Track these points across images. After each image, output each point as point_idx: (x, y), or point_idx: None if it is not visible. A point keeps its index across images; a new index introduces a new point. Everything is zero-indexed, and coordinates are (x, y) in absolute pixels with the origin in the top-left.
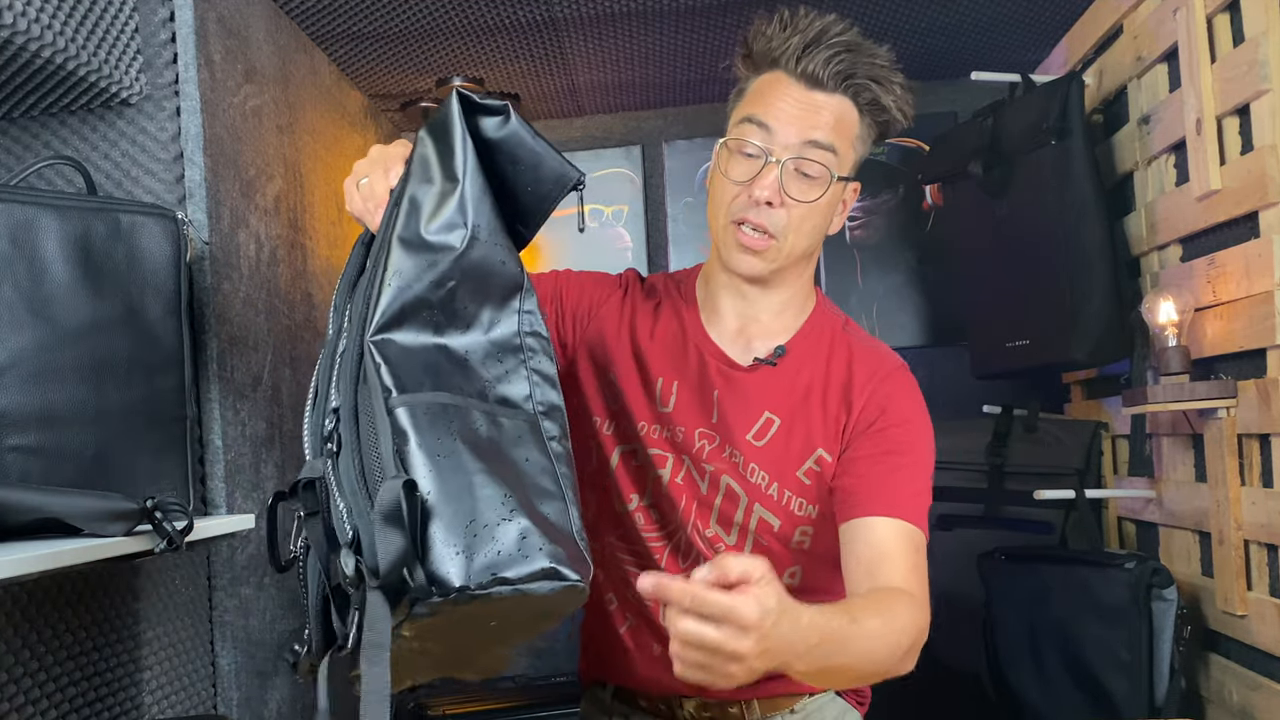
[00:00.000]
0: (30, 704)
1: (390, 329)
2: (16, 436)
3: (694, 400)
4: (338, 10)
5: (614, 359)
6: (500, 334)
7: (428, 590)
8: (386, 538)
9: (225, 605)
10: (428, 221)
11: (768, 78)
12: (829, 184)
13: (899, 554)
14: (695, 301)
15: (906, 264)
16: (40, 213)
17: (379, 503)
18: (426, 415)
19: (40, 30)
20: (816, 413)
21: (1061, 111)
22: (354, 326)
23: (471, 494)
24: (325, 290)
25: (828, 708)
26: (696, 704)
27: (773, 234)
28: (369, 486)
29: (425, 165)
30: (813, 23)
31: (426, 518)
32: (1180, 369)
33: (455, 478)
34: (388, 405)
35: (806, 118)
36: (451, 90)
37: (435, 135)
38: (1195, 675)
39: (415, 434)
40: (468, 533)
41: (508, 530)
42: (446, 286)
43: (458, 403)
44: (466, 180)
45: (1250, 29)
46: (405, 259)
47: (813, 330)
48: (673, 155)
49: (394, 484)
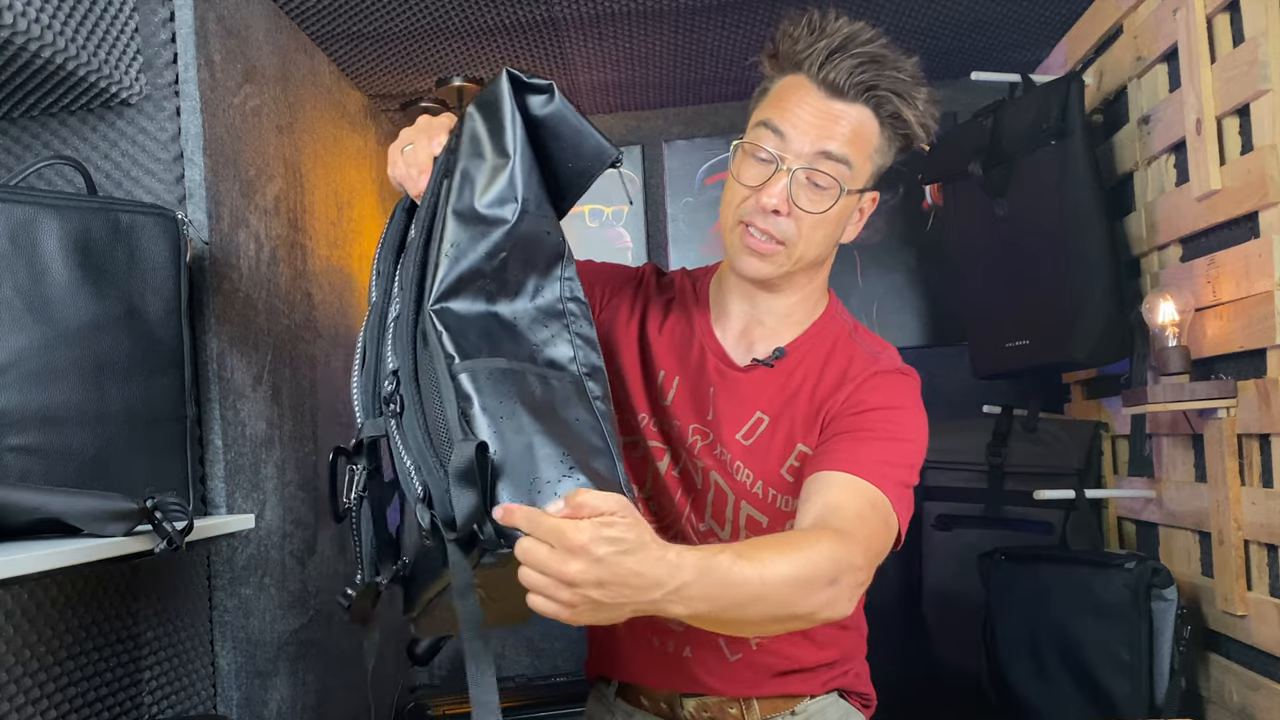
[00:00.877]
0: (30, 704)
1: (449, 298)
2: (16, 436)
3: (691, 396)
4: (338, 10)
5: (620, 350)
6: (545, 300)
7: (496, 542)
8: (462, 496)
9: (225, 605)
10: (481, 195)
11: (790, 81)
12: (839, 196)
13: (848, 504)
14: (707, 300)
15: (906, 264)
16: (40, 213)
17: (453, 464)
18: (489, 380)
19: (40, 30)
20: (802, 409)
21: (1061, 111)
22: (407, 293)
23: (532, 453)
24: (325, 290)
25: (830, 710)
26: (697, 703)
27: (781, 241)
28: (435, 446)
29: (476, 141)
30: (840, 29)
31: (494, 476)
32: (1180, 369)
33: (517, 438)
34: (451, 370)
35: (823, 127)
36: (502, 70)
37: (485, 112)
38: (1195, 675)
39: (478, 397)
40: (531, 489)
41: (566, 486)
42: (499, 257)
43: (514, 367)
44: (517, 156)
45: (1250, 29)
46: (461, 231)
47: (816, 335)
48: (673, 155)
49: (467, 446)
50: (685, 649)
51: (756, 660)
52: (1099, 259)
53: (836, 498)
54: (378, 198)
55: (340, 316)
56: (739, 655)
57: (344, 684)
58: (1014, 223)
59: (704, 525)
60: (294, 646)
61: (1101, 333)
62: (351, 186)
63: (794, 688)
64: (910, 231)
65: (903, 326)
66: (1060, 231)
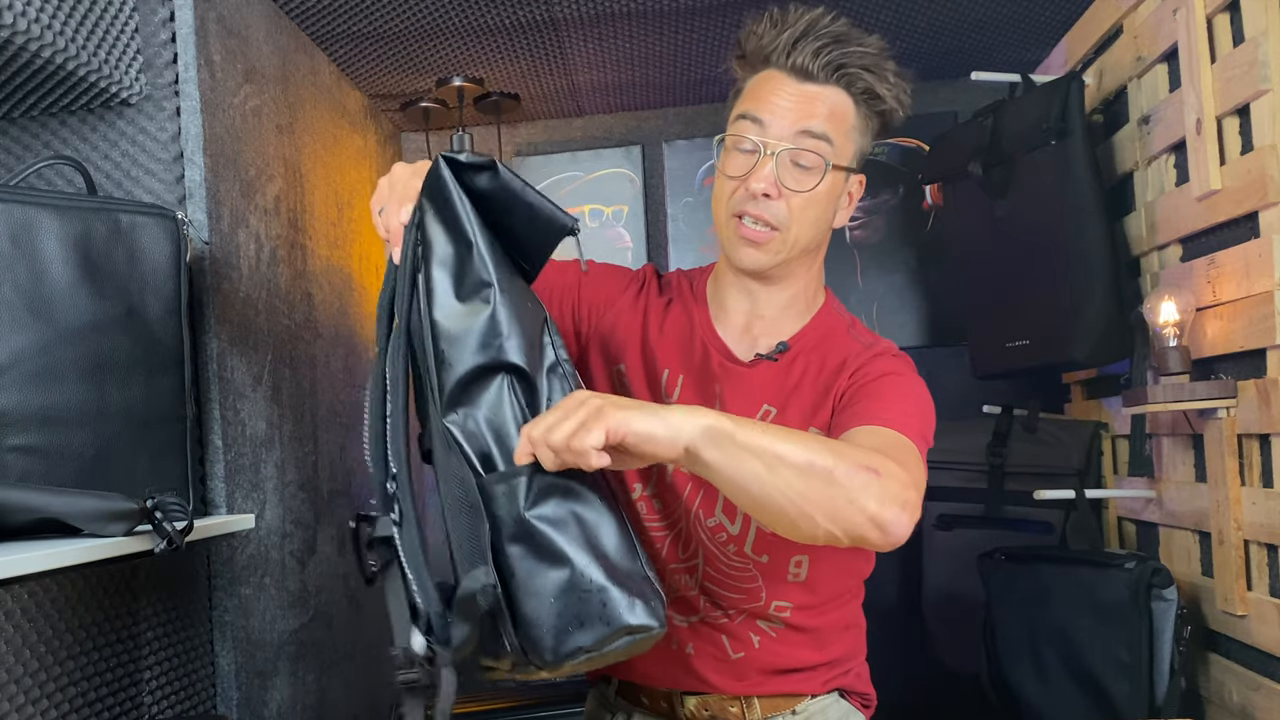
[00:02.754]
0: (30, 704)
1: (457, 406)
2: (17, 436)
3: (698, 393)
4: (338, 10)
5: (624, 351)
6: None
7: (523, 656)
8: (459, 628)
9: (225, 605)
10: (456, 290)
11: (762, 76)
12: (824, 172)
13: (877, 443)
14: (705, 298)
15: (906, 264)
16: (40, 213)
17: (460, 592)
18: (506, 495)
19: (40, 30)
20: (808, 395)
21: (1061, 111)
22: (396, 391)
23: (555, 571)
24: (325, 290)
25: (831, 709)
26: (698, 701)
27: (774, 225)
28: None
29: (436, 235)
30: (801, 17)
31: (514, 600)
32: (1180, 369)
33: (536, 563)
34: (481, 488)
35: (799, 109)
36: (437, 155)
37: (436, 202)
38: (1195, 675)
39: (502, 515)
40: (551, 610)
41: (589, 602)
42: (494, 344)
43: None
44: (477, 238)
45: (1250, 29)
46: (448, 334)
47: (817, 328)
48: (673, 155)
49: (476, 575)
50: (688, 645)
51: (759, 658)
52: (1099, 259)
53: (864, 441)
54: None
55: (340, 316)
56: (741, 654)
57: (344, 684)
58: (1014, 223)
59: (713, 520)
60: (294, 646)
61: (1101, 333)
62: (351, 186)
63: (795, 686)
64: (910, 231)
65: (903, 326)
66: (1060, 231)
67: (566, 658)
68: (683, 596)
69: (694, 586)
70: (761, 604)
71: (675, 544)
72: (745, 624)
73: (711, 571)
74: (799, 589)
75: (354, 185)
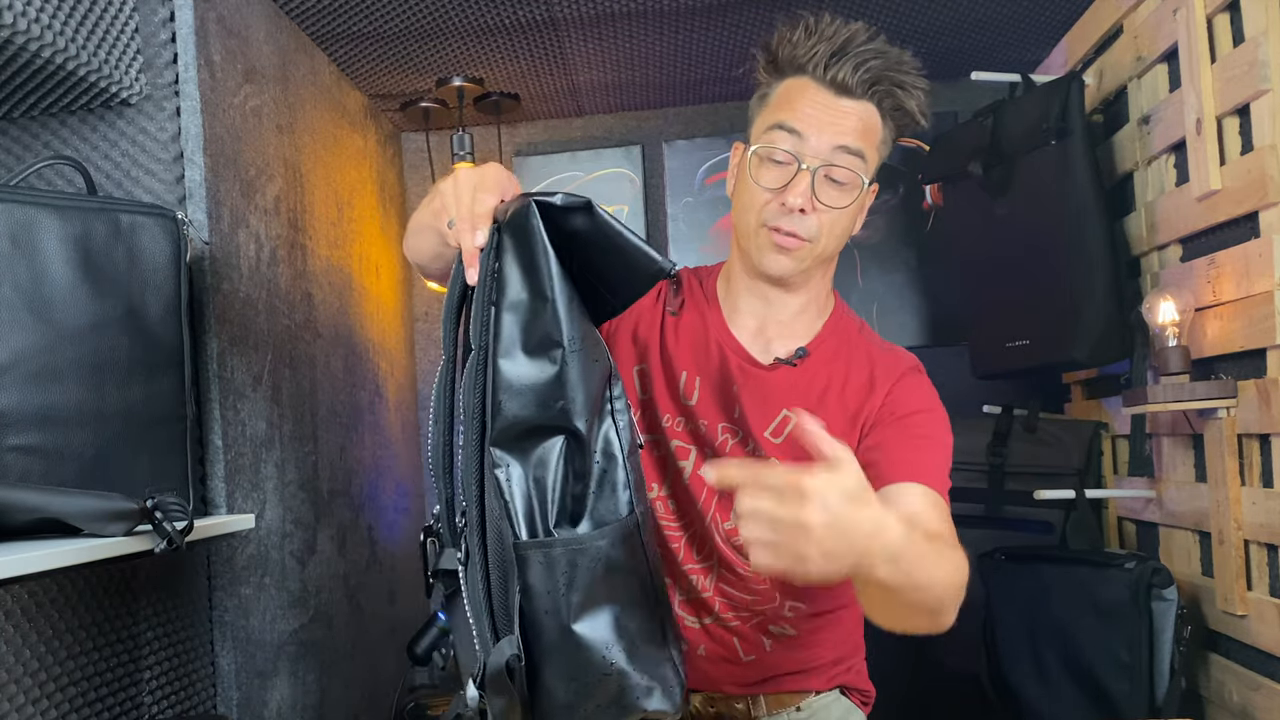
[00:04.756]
0: (30, 704)
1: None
2: (17, 436)
3: (716, 395)
4: (338, 10)
5: (647, 351)
6: (600, 433)
7: None
8: (495, 699)
9: (225, 605)
10: (525, 340)
11: (793, 83)
12: (860, 190)
13: (927, 511)
14: (716, 300)
15: (906, 264)
16: (40, 213)
17: (490, 666)
18: (544, 565)
19: (40, 30)
20: (834, 410)
21: (1061, 111)
22: (470, 423)
23: (576, 651)
24: (325, 290)
25: (833, 707)
26: (703, 698)
27: (806, 239)
28: (494, 614)
29: (512, 276)
30: (839, 30)
31: (534, 670)
32: (1180, 369)
33: (562, 640)
34: (517, 551)
35: (836, 124)
36: (529, 199)
37: (517, 240)
38: (1195, 675)
39: (535, 585)
40: (568, 690)
41: (607, 686)
42: (557, 405)
43: (577, 547)
44: (555, 294)
45: (1250, 29)
46: (510, 380)
47: (833, 333)
48: (673, 155)
49: (503, 648)
50: (700, 647)
51: (769, 660)
52: (1099, 259)
53: (916, 506)
54: (378, 198)
55: (340, 316)
56: (752, 657)
57: (344, 684)
58: (1014, 223)
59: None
60: (294, 646)
61: (1102, 333)
62: (351, 186)
63: (800, 684)
64: (910, 231)
65: (903, 326)
66: (1060, 231)
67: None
68: (699, 597)
69: (710, 587)
70: (775, 605)
71: (691, 545)
72: (757, 627)
73: (727, 574)
74: (812, 592)
75: (354, 185)
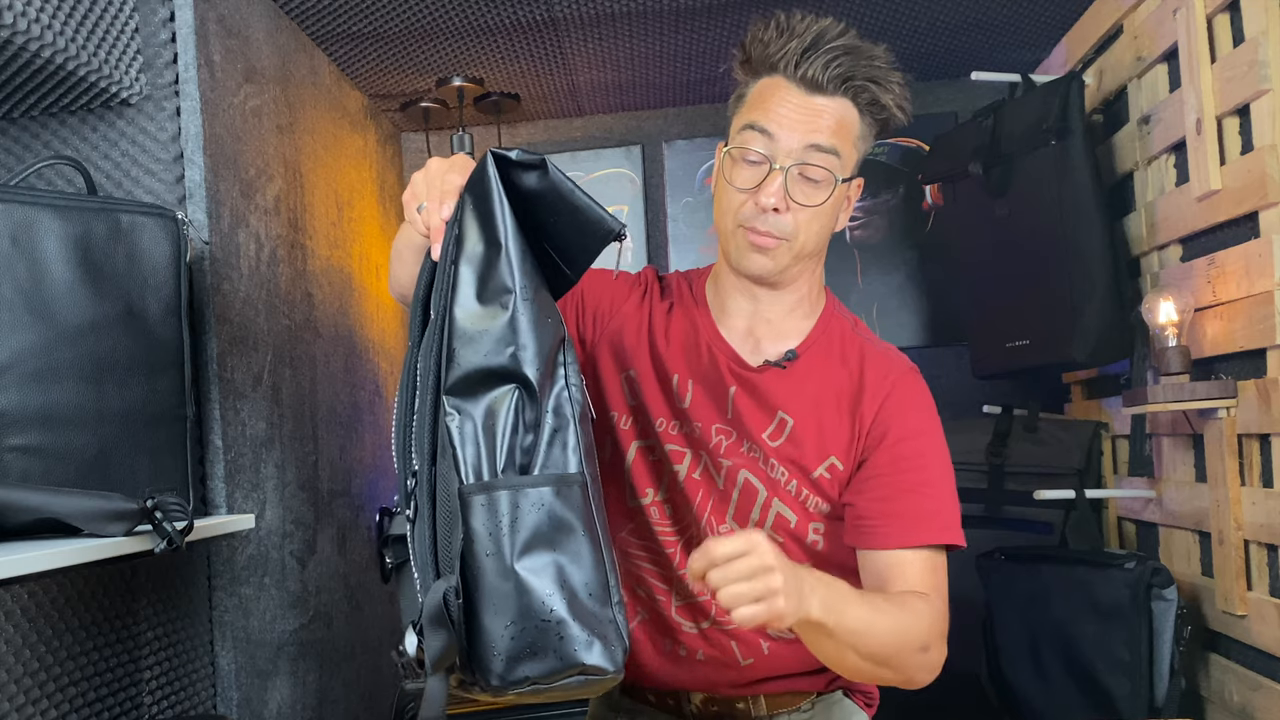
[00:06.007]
0: (30, 704)
1: (457, 402)
2: (17, 436)
3: (709, 398)
4: (338, 10)
5: (634, 356)
6: (552, 392)
7: (470, 675)
8: (433, 637)
9: (225, 605)
10: (479, 290)
11: (767, 83)
12: (833, 187)
13: (916, 578)
14: (705, 301)
15: (906, 264)
16: (40, 213)
17: (427, 603)
18: (485, 506)
19: (40, 30)
20: (830, 418)
21: (1061, 111)
22: (425, 385)
23: (516, 594)
24: (325, 290)
25: (835, 708)
26: (704, 698)
27: (782, 237)
28: (438, 564)
29: (470, 230)
30: (809, 27)
31: (473, 614)
32: (1180, 369)
33: (502, 581)
34: (461, 497)
35: (808, 122)
36: (487, 150)
37: (476, 196)
38: (1195, 675)
39: (477, 528)
40: (506, 633)
41: (546, 633)
42: (506, 352)
43: (518, 487)
44: (508, 243)
45: (1250, 29)
46: (465, 329)
47: (824, 333)
48: (673, 155)
49: (439, 588)
50: (699, 652)
51: (767, 664)
52: (1099, 259)
53: (905, 575)
54: (377, 198)
55: (340, 316)
56: (750, 660)
57: (344, 684)
58: (1014, 223)
59: (726, 526)
60: (294, 646)
61: (1101, 333)
62: (351, 186)
63: (801, 685)
64: (910, 231)
65: (903, 326)
66: (1060, 231)
67: (512, 685)
68: (695, 602)
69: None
70: None
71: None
72: (755, 631)
73: None
74: None
75: (354, 185)
